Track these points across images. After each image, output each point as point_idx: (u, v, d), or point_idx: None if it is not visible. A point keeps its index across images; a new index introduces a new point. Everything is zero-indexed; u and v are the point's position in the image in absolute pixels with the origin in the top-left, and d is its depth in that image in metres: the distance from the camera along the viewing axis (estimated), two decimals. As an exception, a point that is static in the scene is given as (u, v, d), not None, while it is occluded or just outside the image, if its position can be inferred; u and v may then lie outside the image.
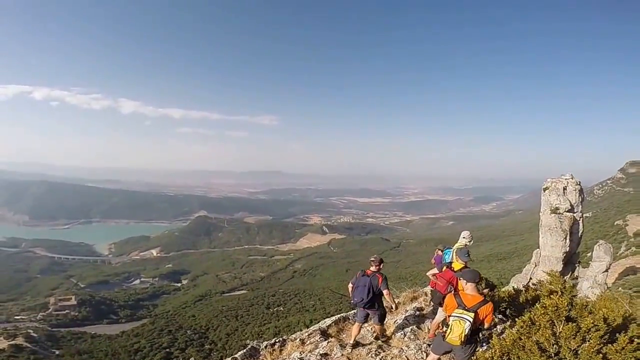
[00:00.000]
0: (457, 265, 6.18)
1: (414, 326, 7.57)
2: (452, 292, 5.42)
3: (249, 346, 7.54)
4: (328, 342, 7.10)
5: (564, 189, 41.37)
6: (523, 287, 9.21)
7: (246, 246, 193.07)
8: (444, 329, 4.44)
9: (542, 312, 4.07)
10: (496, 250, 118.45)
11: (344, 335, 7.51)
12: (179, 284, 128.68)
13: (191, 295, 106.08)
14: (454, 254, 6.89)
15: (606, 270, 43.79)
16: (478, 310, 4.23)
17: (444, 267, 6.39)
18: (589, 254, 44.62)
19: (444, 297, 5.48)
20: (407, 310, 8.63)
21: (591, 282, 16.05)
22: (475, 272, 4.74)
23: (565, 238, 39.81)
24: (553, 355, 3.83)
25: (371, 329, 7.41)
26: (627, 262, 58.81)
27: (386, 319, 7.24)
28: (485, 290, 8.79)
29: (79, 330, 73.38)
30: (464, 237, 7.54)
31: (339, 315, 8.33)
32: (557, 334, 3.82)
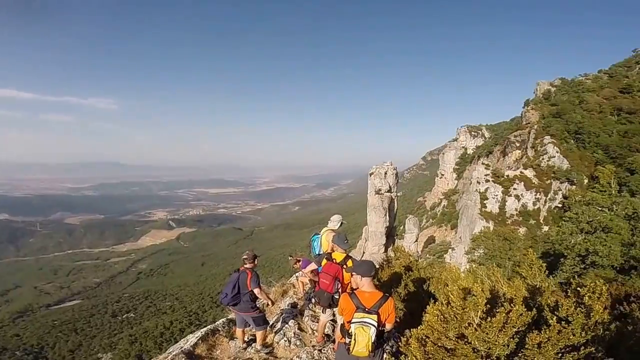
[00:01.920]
0: (339, 255, 5.16)
1: (296, 328, 6.67)
2: (347, 290, 4.65)
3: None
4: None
5: (385, 173, 49.95)
6: (379, 264, 8.72)
7: (69, 251, 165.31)
8: (346, 339, 3.71)
9: (460, 304, 3.45)
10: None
11: (217, 352, 6.27)
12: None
13: (5, 312, 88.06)
14: (330, 240, 5.94)
15: (416, 241, 54.78)
16: (379, 310, 3.69)
17: (324, 260, 5.22)
18: (401, 227, 55.75)
19: (332, 297, 4.91)
20: (282, 309, 7.73)
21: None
22: (370, 264, 4.01)
23: (386, 215, 48.22)
24: (485, 357, 3.37)
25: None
26: (428, 232, 76.54)
27: (269, 325, 6.44)
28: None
29: None
30: (333, 221, 6.71)
31: (205, 329, 6.79)
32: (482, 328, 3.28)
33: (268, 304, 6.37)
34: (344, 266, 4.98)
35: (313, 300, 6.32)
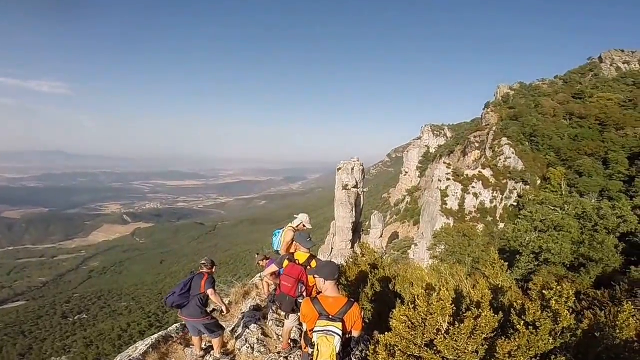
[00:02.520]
0: (302, 255, 4.73)
1: (259, 334, 6.13)
2: (309, 295, 4.39)
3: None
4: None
5: (352, 169, 50.10)
6: (345, 262, 8.75)
7: (10, 248, 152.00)
8: (309, 350, 3.38)
9: (426, 309, 3.27)
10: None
11: None
12: None
13: None
14: (290, 239, 5.62)
15: (381, 236, 55.65)
16: (344, 317, 3.35)
17: (285, 261, 4.77)
18: (366, 223, 56.57)
19: (296, 301, 4.51)
20: (243, 312, 7.13)
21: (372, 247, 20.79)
22: (333, 266, 3.63)
23: (352, 210, 48.53)
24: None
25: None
26: (392, 228, 78.45)
27: (225, 330, 5.92)
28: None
29: None
30: (297, 219, 6.07)
31: (157, 336, 6.20)
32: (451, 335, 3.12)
33: (222, 311, 5.62)
34: (308, 267, 4.56)
35: (275, 304, 5.88)
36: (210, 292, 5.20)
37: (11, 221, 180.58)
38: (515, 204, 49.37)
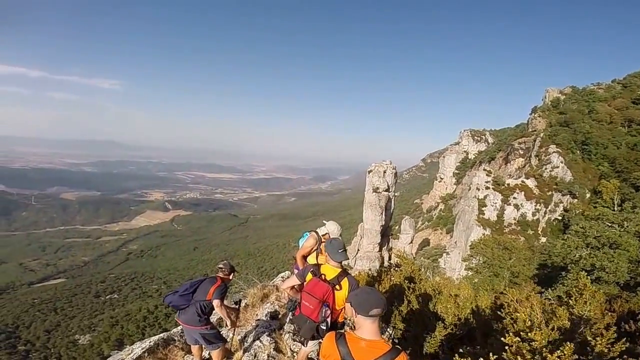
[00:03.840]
0: (330, 270, 3.64)
1: (271, 349, 5.19)
2: (334, 320, 3.54)
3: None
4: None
5: (384, 172, 48.81)
6: (376, 271, 7.94)
7: (61, 227, 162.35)
8: None
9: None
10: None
11: None
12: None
13: None
14: (310, 246, 4.94)
15: (411, 242, 53.83)
16: None
17: (309, 274, 3.74)
18: (396, 227, 55.04)
19: (318, 327, 3.43)
20: (258, 319, 6.27)
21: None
22: (376, 298, 2.41)
23: (382, 213, 47.19)
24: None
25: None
26: (423, 234, 76.06)
27: (227, 342, 5.10)
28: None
29: None
30: (326, 227, 5.08)
31: (156, 338, 5.54)
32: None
33: (227, 325, 4.86)
34: (336, 287, 3.51)
35: (293, 326, 4.98)
36: (215, 303, 4.42)
37: (66, 202, 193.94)
38: (560, 217, 45.89)
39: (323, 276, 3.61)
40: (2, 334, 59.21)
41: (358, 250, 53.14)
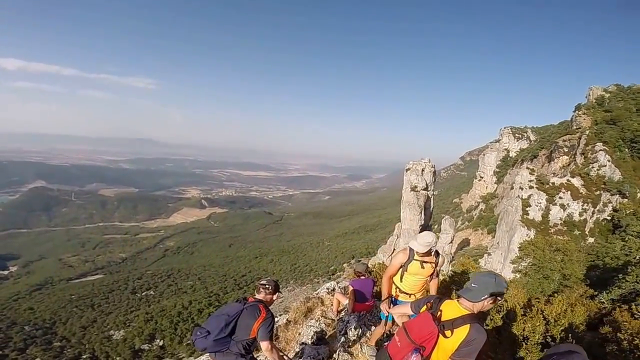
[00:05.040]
0: (453, 307, 2.69)
1: None
2: None
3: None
4: None
5: (422, 170, 48.47)
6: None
7: (101, 223, 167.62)
8: None
9: None
10: (364, 223, 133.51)
11: None
12: (6, 272, 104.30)
13: (24, 284, 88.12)
14: (399, 263, 4.02)
15: (451, 242, 53.18)
16: None
17: (424, 306, 2.89)
18: (435, 227, 54.25)
19: None
20: (302, 343, 5.37)
21: (441, 253, 20.09)
22: None
23: (421, 212, 47.00)
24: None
25: None
26: (463, 234, 74.44)
27: None
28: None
29: None
30: (421, 239, 3.93)
31: None
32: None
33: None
34: (445, 332, 2.51)
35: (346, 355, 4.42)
36: (264, 346, 3.42)
37: (105, 199, 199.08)
38: (609, 218, 43.52)
39: (439, 313, 2.63)
40: (39, 330, 59.99)
41: (394, 249, 53.21)
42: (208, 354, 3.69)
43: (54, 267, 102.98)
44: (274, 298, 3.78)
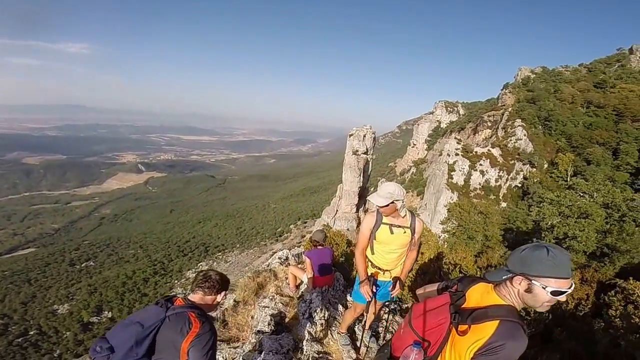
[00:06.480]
0: (485, 294, 1.73)
1: None
2: None
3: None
4: None
5: (364, 136, 51.55)
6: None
7: (26, 193, 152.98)
8: None
9: None
10: (309, 185, 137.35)
11: None
12: None
13: None
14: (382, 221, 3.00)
15: (385, 203, 57.76)
16: None
17: (442, 287, 2.01)
18: (372, 189, 58.15)
19: None
20: (257, 328, 4.34)
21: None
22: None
23: (360, 175, 50.54)
24: None
25: None
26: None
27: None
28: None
29: None
30: (384, 193, 2.88)
31: None
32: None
33: None
34: (460, 327, 1.64)
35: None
36: None
37: (29, 167, 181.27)
38: (519, 185, 50.39)
39: (463, 300, 1.75)
40: (-25, 310, 56.11)
41: (337, 210, 56.56)
42: None
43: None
44: (219, 300, 2.38)
